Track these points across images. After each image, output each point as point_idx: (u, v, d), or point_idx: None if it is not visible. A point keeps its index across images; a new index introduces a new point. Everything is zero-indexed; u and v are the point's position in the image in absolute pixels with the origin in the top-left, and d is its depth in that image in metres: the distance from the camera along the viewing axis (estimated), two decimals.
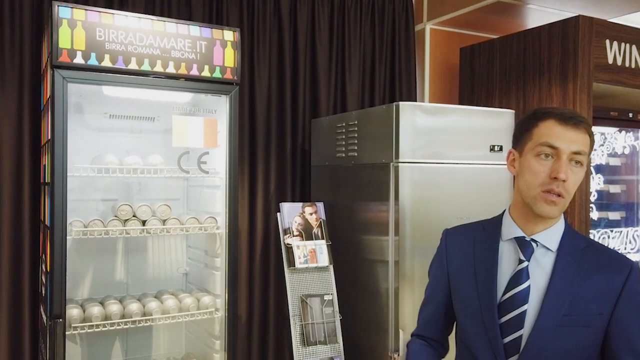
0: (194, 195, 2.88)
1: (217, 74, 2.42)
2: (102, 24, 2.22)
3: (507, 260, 1.42)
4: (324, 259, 2.96)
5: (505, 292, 1.38)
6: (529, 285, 1.36)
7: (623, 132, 3.58)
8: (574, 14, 3.07)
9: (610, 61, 3.14)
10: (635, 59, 3.23)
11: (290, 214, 2.98)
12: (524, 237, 1.40)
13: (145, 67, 2.29)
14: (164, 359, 2.77)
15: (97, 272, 2.70)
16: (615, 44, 3.15)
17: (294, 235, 2.93)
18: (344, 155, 3.09)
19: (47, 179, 2.27)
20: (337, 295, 2.92)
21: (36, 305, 2.70)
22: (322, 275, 2.97)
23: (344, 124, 3.09)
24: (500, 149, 2.89)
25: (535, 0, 3.47)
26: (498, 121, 2.90)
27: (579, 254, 1.38)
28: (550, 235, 1.39)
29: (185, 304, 2.46)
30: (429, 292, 1.64)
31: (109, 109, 2.63)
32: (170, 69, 2.34)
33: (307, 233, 2.97)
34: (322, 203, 3.06)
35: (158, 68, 2.31)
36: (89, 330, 2.28)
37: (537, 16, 3.74)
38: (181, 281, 2.91)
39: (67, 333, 2.16)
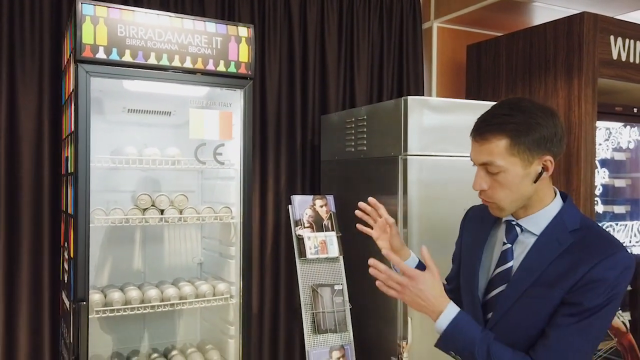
0: (208, 187, 2.98)
1: (232, 69, 2.51)
2: (122, 21, 2.31)
3: (499, 240, 1.51)
4: (334, 249, 3.04)
5: (494, 271, 1.48)
6: (512, 266, 1.44)
7: (628, 127, 3.64)
8: (579, 10, 3.15)
9: (615, 57, 3.21)
10: (639, 54, 3.30)
11: (302, 206, 3.06)
12: (511, 220, 1.47)
13: (164, 62, 2.39)
14: (181, 344, 2.86)
15: (116, 260, 2.80)
16: (619, 40, 3.22)
17: (304, 227, 3.01)
18: (353, 149, 3.17)
19: (70, 170, 2.37)
20: (347, 286, 3.00)
21: (56, 292, 2.80)
22: (332, 265, 3.05)
23: (353, 119, 3.17)
24: None
25: None
26: None
27: (565, 235, 1.38)
28: (536, 220, 1.43)
29: (202, 290, 2.55)
30: (454, 252, 1.78)
31: (127, 104, 2.73)
32: (188, 64, 2.43)
33: (317, 225, 3.05)
34: (332, 196, 3.14)
35: (176, 63, 2.41)
36: (110, 315, 2.38)
37: (542, 13, 3.81)
38: (196, 270, 3.00)
39: (89, 317, 2.25)
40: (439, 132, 2.79)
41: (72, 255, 2.32)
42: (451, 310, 1.38)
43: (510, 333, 1.39)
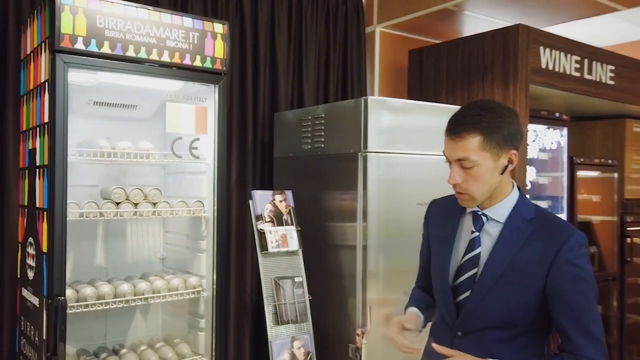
0: (172, 182, 2.97)
1: (207, 64, 2.54)
2: (102, 12, 2.28)
3: (466, 230, 1.68)
4: (294, 243, 3.14)
5: (462, 257, 1.64)
6: (479, 252, 1.61)
7: (551, 129, 4.03)
8: (507, 22, 3.45)
9: (544, 66, 3.56)
10: (563, 64, 3.68)
11: (262, 201, 3.13)
12: (477, 211, 1.64)
13: (142, 54, 2.38)
14: (147, 339, 2.84)
15: (77, 256, 2.73)
16: (547, 50, 3.57)
17: (266, 221, 3.09)
18: (309, 146, 3.28)
19: (42, 162, 2.31)
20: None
21: (12, 290, 2.69)
22: (292, 259, 3.14)
23: (310, 117, 3.28)
24: None
25: (471, 7, 3.84)
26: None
27: (525, 224, 1.57)
28: (499, 210, 1.61)
29: (173, 284, 2.56)
30: (421, 251, 1.95)
31: (94, 96, 2.67)
32: (165, 58, 2.44)
33: (277, 219, 3.13)
34: (290, 191, 3.24)
35: (154, 56, 2.41)
36: (84, 310, 2.33)
37: (474, 23, 4.12)
38: (158, 265, 2.99)
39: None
40: (395, 131, 2.95)
41: (45, 250, 2.26)
42: None
43: (484, 313, 1.57)
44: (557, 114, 3.90)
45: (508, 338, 1.56)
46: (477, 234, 1.63)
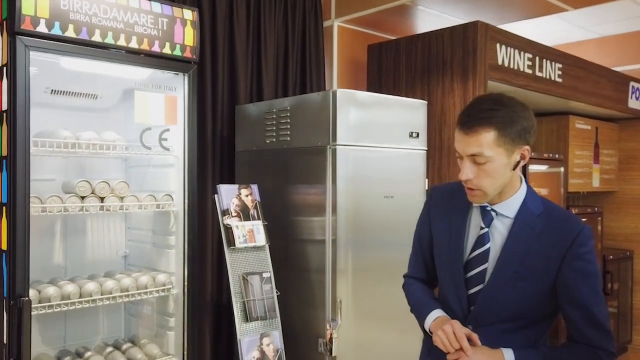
0: (135, 175, 2.83)
1: (177, 52, 2.45)
2: None
3: (474, 224, 1.65)
4: (261, 238, 3.07)
5: (471, 252, 1.63)
6: (489, 247, 1.59)
7: None
8: (458, 18, 3.50)
9: (500, 62, 3.65)
10: (517, 62, 3.79)
11: (228, 195, 3.04)
12: (485, 206, 1.62)
13: (109, 40, 2.26)
14: (112, 341, 2.70)
15: (35, 254, 2.55)
16: (503, 47, 3.67)
17: (232, 216, 3.00)
18: (274, 140, 3.22)
19: (0, 153, 2.14)
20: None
21: None
22: (259, 254, 3.07)
23: (274, 110, 3.22)
24: (417, 135, 3.24)
25: (425, 3, 3.89)
26: (417, 111, 3.24)
27: (534, 219, 1.56)
28: (508, 205, 1.59)
29: (142, 281, 2.44)
30: (416, 239, 1.87)
31: (52, 84, 2.51)
32: (133, 44, 2.32)
33: (244, 214, 3.06)
34: (256, 185, 3.17)
35: (121, 42, 2.29)
36: (47, 311, 2.18)
37: (426, 20, 4.19)
38: (120, 263, 2.84)
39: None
40: (363, 124, 2.94)
41: (4, 248, 2.10)
42: (507, 355, 1.52)
43: (497, 307, 1.58)
44: None
45: (517, 329, 1.58)
46: (486, 230, 1.61)
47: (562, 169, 4.58)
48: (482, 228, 1.61)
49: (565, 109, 4.76)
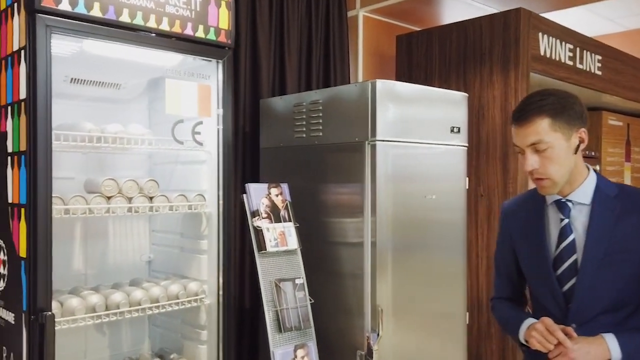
0: (160, 172, 2.58)
1: (211, 36, 2.20)
2: None
3: (553, 220, 1.65)
4: (293, 241, 2.83)
5: (556, 248, 1.62)
6: (574, 238, 1.59)
7: None
8: (491, 7, 3.28)
9: (542, 53, 3.42)
10: (559, 52, 3.57)
11: (257, 195, 2.80)
12: (560, 199, 1.62)
13: (138, 21, 2.01)
14: (136, 355, 2.45)
15: (54, 261, 2.30)
16: (545, 37, 3.44)
17: (262, 218, 2.77)
18: (304, 135, 2.99)
19: (18, 148, 1.89)
20: None
21: None
22: (290, 258, 2.84)
23: (304, 104, 2.98)
24: (459, 130, 3.01)
25: None
26: (458, 105, 3.01)
27: (611, 201, 1.58)
28: (582, 192, 1.61)
29: (172, 291, 2.19)
30: (498, 259, 1.89)
31: (71, 72, 2.25)
32: (164, 26, 2.07)
33: (275, 215, 2.82)
34: (286, 184, 2.93)
35: (151, 24, 2.04)
36: (72, 325, 1.94)
37: (456, 8, 3.96)
38: (144, 269, 2.59)
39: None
40: (404, 118, 2.71)
41: (23, 255, 1.85)
42: (609, 340, 1.50)
43: (595, 297, 1.56)
44: None
45: (619, 322, 1.56)
46: (566, 220, 1.61)
47: (597, 167, 4.36)
48: (562, 220, 1.62)
49: (596, 104, 4.55)
